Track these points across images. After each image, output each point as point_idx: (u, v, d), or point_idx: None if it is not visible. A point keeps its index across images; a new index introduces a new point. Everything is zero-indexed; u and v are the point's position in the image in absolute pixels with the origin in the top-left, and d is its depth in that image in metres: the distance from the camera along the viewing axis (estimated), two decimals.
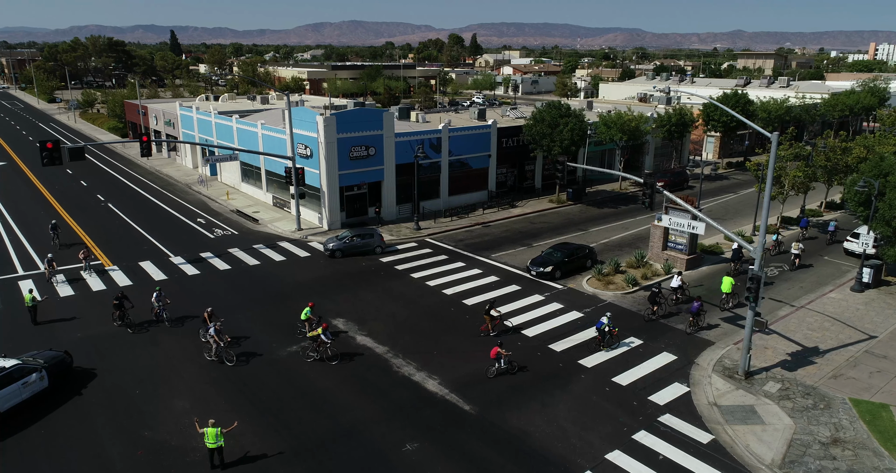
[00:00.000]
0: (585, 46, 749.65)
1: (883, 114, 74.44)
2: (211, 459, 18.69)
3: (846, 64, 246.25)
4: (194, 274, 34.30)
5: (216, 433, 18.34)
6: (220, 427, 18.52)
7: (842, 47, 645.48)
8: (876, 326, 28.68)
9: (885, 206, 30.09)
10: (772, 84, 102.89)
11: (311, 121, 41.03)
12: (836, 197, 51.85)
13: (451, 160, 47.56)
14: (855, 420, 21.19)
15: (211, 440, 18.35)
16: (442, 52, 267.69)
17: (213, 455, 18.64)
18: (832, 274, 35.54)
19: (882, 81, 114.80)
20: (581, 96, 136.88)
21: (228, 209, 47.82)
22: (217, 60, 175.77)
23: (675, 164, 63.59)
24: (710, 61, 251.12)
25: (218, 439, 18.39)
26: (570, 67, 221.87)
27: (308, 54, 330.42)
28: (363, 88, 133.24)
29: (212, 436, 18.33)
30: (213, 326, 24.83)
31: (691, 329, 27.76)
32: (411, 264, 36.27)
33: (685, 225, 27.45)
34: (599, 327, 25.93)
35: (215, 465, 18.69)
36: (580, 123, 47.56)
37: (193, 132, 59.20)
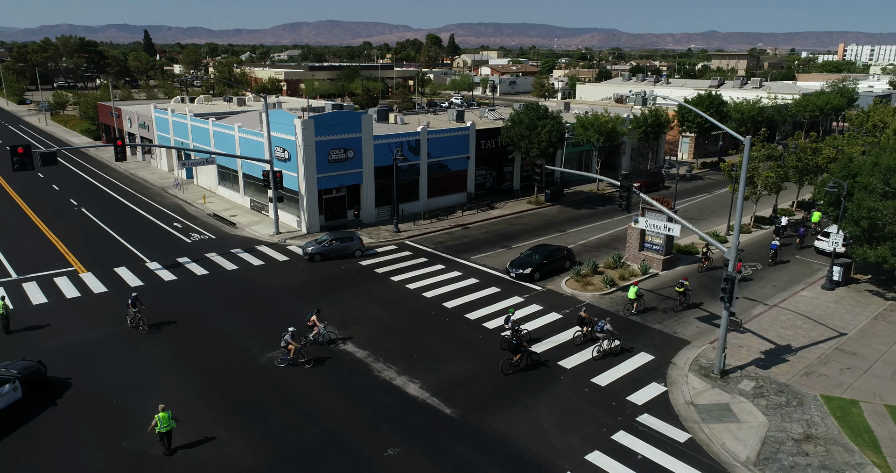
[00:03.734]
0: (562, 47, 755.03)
1: (851, 114, 76.28)
2: (166, 444, 19.32)
3: (816, 64, 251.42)
4: (171, 280, 33.93)
5: (167, 416, 19.02)
6: (169, 410, 19.24)
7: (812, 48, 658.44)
8: (846, 323, 29.41)
9: (854, 206, 30.86)
10: (745, 85, 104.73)
11: (288, 124, 40.82)
12: (806, 196, 52.96)
13: (430, 162, 47.65)
14: (826, 416, 21.73)
15: (164, 424, 19.01)
16: (420, 52, 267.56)
17: (164, 440, 19.28)
18: (804, 273, 36.34)
19: (850, 81, 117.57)
20: (558, 97, 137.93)
21: (205, 213, 47.35)
22: (192, 61, 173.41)
23: (651, 165, 64.42)
24: (685, 62, 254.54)
25: (169, 422, 19.08)
26: (547, 67, 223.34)
27: (285, 55, 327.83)
28: (341, 88, 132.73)
29: (165, 420, 18.99)
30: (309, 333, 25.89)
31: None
32: (391, 267, 36.28)
33: (661, 227, 27.89)
34: (599, 329, 25.76)
35: (170, 449, 19.39)
36: (558, 124, 47.97)
37: (169, 135, 58.46)
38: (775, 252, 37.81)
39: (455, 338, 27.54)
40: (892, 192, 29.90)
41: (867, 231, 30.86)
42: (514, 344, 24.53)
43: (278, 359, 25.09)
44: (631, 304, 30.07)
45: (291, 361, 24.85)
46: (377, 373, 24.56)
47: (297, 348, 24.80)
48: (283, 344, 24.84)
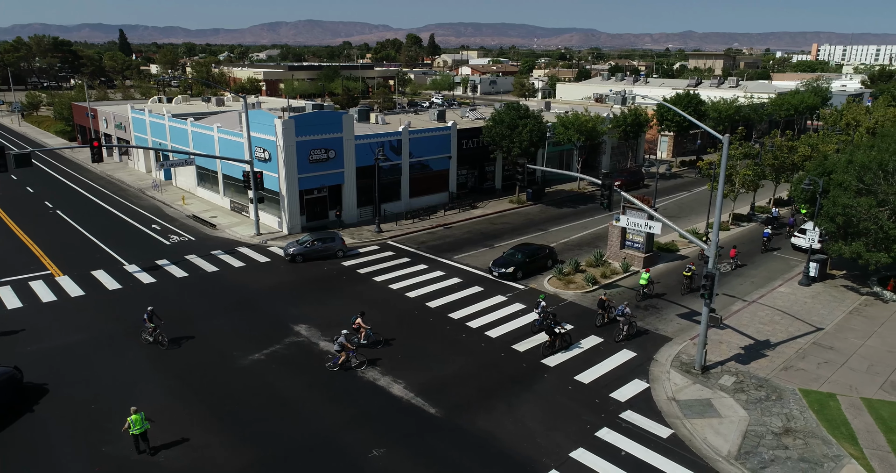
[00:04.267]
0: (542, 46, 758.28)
1: (826, 113, 77.68)
2: (137, 446, 19.22)
3: (791, 64, 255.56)
4: (150, 283, 33.47)
5: (140, 418, 18.93)
6: (142, 412, 19.16)
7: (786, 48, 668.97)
8: (822, 318, 29.93)
9: (829, 203, 31.41)
10: (721, 84, 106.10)
11: (269, 124, 40.48)
12: (783, 194, 53.79)
13: (412, 162, 47.58)
14: (805, 409, 22.10)
15: (137, 426, 18.91)
16: (400, 52, 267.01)
17: (139, 442, 19.19)
18: (781, 269, 36.92)
19: (824, 81, 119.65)
20: (539, 96, 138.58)
21: (184, 215, 46.78)
22: (169, 61, 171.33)
23: (631, 163, 65.00)
24: (663, 61, 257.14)
25: (143, 423, 18.98)
26: (527, 67, 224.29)
27: (264, 54, 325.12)
28: (321, 88, 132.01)
29: (138, 422, 18.91)
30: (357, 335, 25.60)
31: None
32: (374, 267, 36.16)
33: (642, 225, 28.17)
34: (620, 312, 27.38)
35: (142, 451, 19.27)
36: (539, 124, 48.18)
37: (146, 136, 57.66)
38: (768, 239, 40.13)
39: (439, 338, 27.53)
40: (866, 189, 30.49)
41: (842, 228, 31.42)
42: (551, 328, 25.73)
43: (330, 363, 24.87)
44: (642, 289, 31.84)
45: (345, 364, 24.63)
46: (361, 374, 24.45)
47: (351, 350, 24.66)
48: (336, 348, 24.56)
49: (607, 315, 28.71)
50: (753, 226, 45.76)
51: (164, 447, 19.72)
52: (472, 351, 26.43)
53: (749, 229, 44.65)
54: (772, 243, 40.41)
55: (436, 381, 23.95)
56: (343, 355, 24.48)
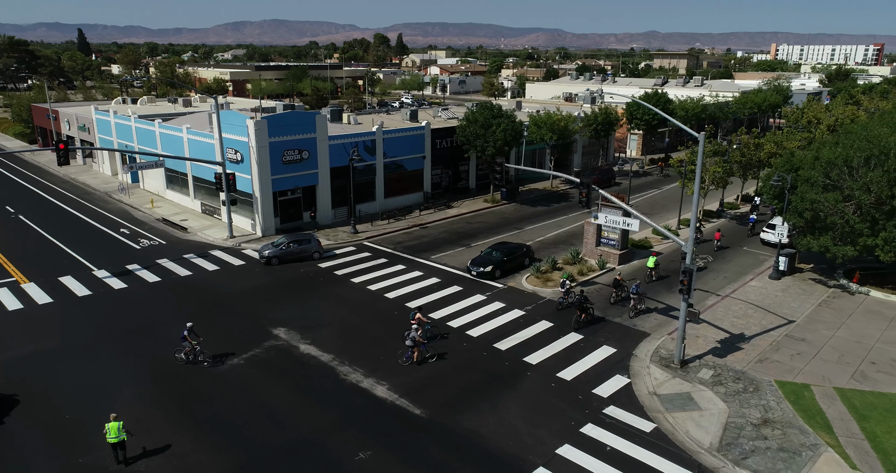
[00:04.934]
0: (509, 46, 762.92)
1: (787, 111, 79.74)
2: (115, 455, 18.71)
3: (751, 63, 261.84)
4: (122, 288, 32.62)
5: (118, 427, 18.46)
6: (121, 421, 18.67)
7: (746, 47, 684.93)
8: (793, 311, 30.72)
9: (797, 198, 32.25)
10: (687, 83, 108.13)
11: (241, 125, 39.83)
12: (750, 190, 55.07)
13: (386, 162, 47.36)
14: (781, 400, 22.64)
15: (113, 434, 18.44)
16: (368, 52, 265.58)
17: (117, 451, 18.69)
18: (751, 263, 37.77)
19: (784, 80, 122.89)
20: (508, 96, 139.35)
21: (154, 218, 45.74)
22: (131, 61, 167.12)
23: (603, 162, 65.78)
24: (629, 61, 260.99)
25: (119, 433, 18.48)
26: (495, 66, 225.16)
27: (229, 54, 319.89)
28: (290, 88, 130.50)
29: (114, 431, 18.45)
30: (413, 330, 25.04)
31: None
32: (351, 268, 35.88)
33: (620, 222, 28.50)
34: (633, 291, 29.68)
35: (120, 461, 18.75)
36: (512, 123, 48.42)
37: (111, 138, 56.22)
38: (753, 225, 43.68)
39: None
40: (832, 184, 31.38)
41: (810, 222, 32.30)
42: (582, 303, 28.26)
43: (402, 358, 25.10)
44: (651, 272, 34.19)
45: (419, 359, 24.95)
46: (343, 376, 24.24)
47: (423, 344, 25.12)
48: (409, 343, 24.75)
49: (620, 294, 31.11)
50: (723, 222, 46.71)
51: (144, 455, 19.25)
52: (454, 351, 26.41)
53: (719, 224, 45.50)
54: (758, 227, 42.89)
55: (419, 382, 23.86)
56: (416, 350, 24.92)
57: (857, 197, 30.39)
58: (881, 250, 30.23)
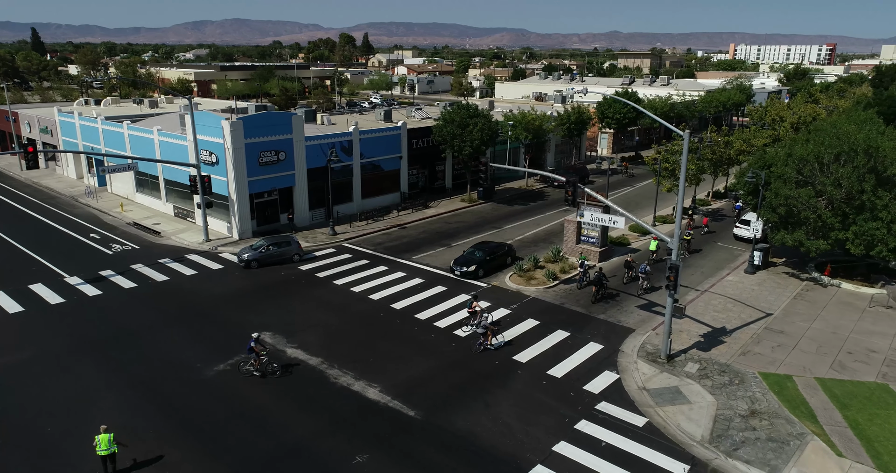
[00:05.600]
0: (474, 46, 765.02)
1: (752, 109, 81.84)
2: (105, 467, 18.11)
3: (712, 63, 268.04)
4: (96, 295, 31.67)
5: (108, 439, 17.94)
6: (112, 433, 18.15)
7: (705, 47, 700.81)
8: (770, 304, 31.51)
9: (772, 194, 33.09)
10: (654, 83, 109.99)
11: (215, 126, 39.05)
12: (720, 187, 56.33)
13: (363, 163, 47.02)
14: (766, 392, 23.19)
15: (103, 446, 17.91)
16: (334, 51, 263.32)
17: (106, 463, 18.11)
18: (727, 259, 38.62)
19: (745, 79, 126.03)
20: (477, 95, 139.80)
21: (125, 222, 44.54)
22: (90, 61, 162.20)
23: (576, 160, 66.47)
24: (593, 61, 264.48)
25: (111, 445, 17.96)
26: (462, 66, 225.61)
27: (191, 54, 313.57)
28: (257, 89, 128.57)
29: (104, 443, 17.94)
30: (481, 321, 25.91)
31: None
32: (333, 270, 35.51)
33: (605, 220, 28.85)
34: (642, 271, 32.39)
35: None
36: (489, 123, 48.57)
37: (76, 140, 54.55)
38: (739, 211, 46.11)
39: (408, 339, 27.30)
40: (805, 180, 32.28)
41: (784, 217, 33.16)
42: (600, 279, 31.33)
43: (475, 346, 26.16)
44: (652, 255, 37.20)
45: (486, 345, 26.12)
46: (333, 380, 23.95)
47: (494, 330, 26.23)
48: (481, 331, 26.12)
49: (631, 274, 33.99)
50: (696, 218, 47.60)
51: (135, 467, 18.71)
52: (443, 351, 26.36)
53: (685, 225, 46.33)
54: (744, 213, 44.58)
55: (410, 383, 23.74)
56: (490, 335, 26.05)
57: (828, 192, 31.33)
58: (852, 244, 31.23)
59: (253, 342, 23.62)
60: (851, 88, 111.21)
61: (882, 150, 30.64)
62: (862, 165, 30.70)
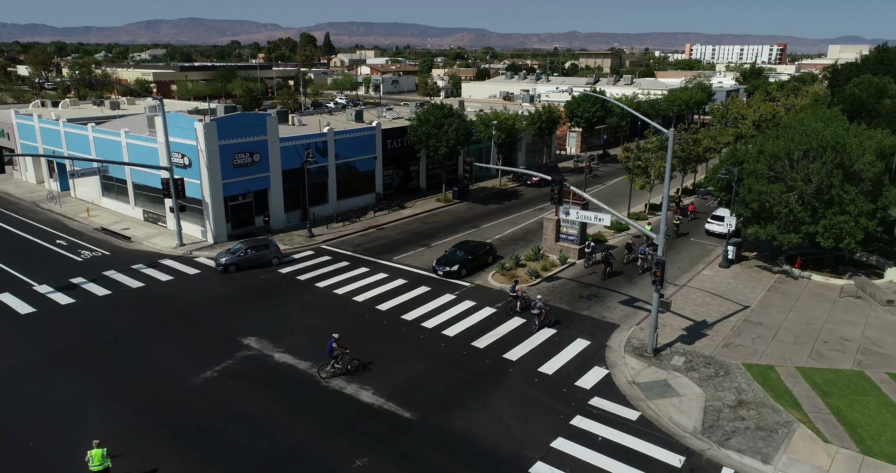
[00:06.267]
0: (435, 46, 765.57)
1: (713, 108, 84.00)
2: None
3: (669, 63, 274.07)
4: (69, 303, 30.60)
5: (102, 454, 17.34)
6: (105, 447, 17.57)
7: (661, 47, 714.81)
8: (746, 297, 32.40)
9: (745, 190, 34.02)
10: (618, 82, 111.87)
11: (188, 127, 38.14)
12: (688, 183, 57.66)
13: (338, 164, 46.58)
14: (751, 382, 23.84)
15: (96, 462, 17.29)
16: (295, 51, 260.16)
17: None
18: (701, 253, 39.55)
19: (704, 78, 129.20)
20: (442, 95, 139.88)
21: (92, 228, 43.14)
22: (41, 61, 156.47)
23: (547, 159, 67.15)
24: (554, 60, 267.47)
25: (104, 460, 17.37)
26: (426, 66, 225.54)
27: (146, 54, 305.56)
28: (220, 89, 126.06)
29: (97, 458, 17.31)
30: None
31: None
32: (313, 273, 35.09)
33: (591, 217, 29.20)
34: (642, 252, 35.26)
35: None
36: (463, 122, 48.67)
37: (36, 143, 52.59)
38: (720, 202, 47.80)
39: (398, 340, 27.18)
40: (776, 176, 33.29)
41: (757, 212, 34.13)
42: (607, 259, 34.64)
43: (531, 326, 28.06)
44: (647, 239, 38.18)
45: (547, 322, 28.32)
46: (325, 383, 23.67)
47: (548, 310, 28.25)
48: (536, 312, 27.79)
49: (630, 255, 36.80)
50: (669, 214, 48.61)
51: None
52: (433, 351, 26.32)
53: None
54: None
55: (404, 384, 23.63)
56: (543, 315, 27.94)
57: (799, 188, 32.38)
58: (821, 237, 32.33)
59: (334, 342, 23.74)
60: (805, 87, 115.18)
61: (848, 146, 31.81)
62: (830, 161, 31.82)
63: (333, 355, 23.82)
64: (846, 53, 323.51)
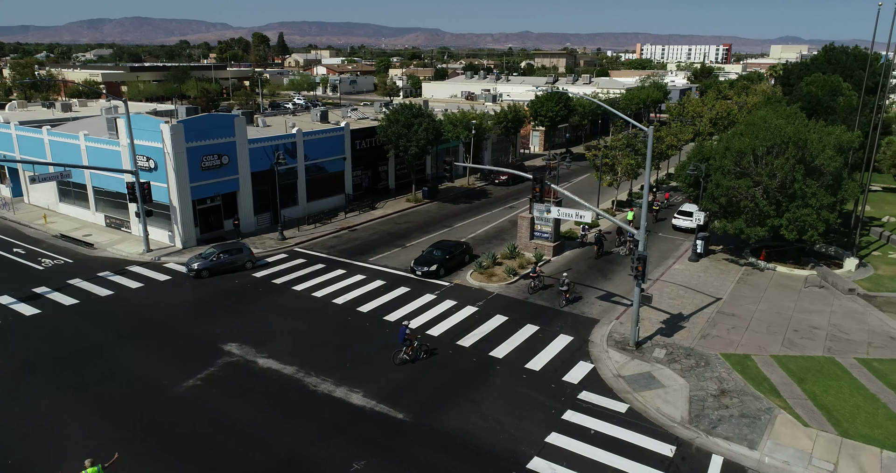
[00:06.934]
0: (390, 46, 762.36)
1: (671, 106, 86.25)
2: None
3: (622, 62, 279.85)
4: (34, 314, 29.33)
5: (96, 471, 16.70)
6: (99, 463, 16.96)
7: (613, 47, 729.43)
8: (717, 289, 33.40)
9: (713, 186, 35.07)
10: (576, 81, 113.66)
11: (153, 130, 37.02)
12: (652, 180, 58.94)
13: (308, 165, 46.00)
14: (731, 371, 24.61)
15: None
16: (248, 51, 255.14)
17: None
18: (670, 248, 40.58)
19: (658, 77, 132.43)
20: (401, 95, 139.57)
21: (51, 235, 41.45)
22: None
23: (513, 158, 67.72)
24: (510, 60, 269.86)
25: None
26: (383, 66, 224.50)
27: (91, 54, 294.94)
28: (174, 90, 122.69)
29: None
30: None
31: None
32: (289, 276, 34.56)
33: (573, 214, 29.59)
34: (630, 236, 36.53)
35: None
36: (433, 122, 48.69)
37: None
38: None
39: (382, 342, 26.99)
40: (742, 172, 34.42)
41: (724, 207, 35.24)
42: (599, 239, 38.01)
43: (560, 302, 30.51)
44: (629, 224, 41.36)
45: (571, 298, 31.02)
46: (313, 387, 23.36)
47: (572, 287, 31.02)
48: (563, 288, 30.53)
49: (621, 239, 39.83)
50: (636, 210, 49.69)
51: None
52: (418, 349, 26.23)
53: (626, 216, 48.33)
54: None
55: (392, 385, 23.52)
56: (568, 292, 30.46)
57: (764, 183, 33.56)
58: (786, 230, 33.59)
59: (407, 329, 24.76)
60: (753, 85, 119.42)
61: (810, 142, 33.13)
62: (792, 156, 33.08)
63: (406, 343, 24.91)
64: (787, 53, 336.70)
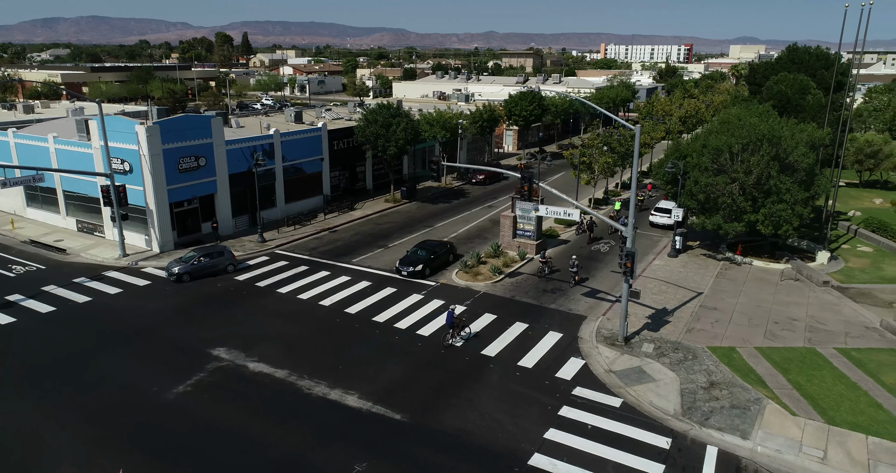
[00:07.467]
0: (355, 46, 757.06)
1: (640, 105, 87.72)
2: None
3: (587, 62, 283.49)
4: (9, 322, 28.36)
5: None
6: None
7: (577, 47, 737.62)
8: (698, 283, 34.12)
9: (692, 183, 35.81)
10: (546, 81, 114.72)
11: (128, 131, 36.12)
12: (626, 178, 59.92)
13: (286, 166, 45.46)
14: (718, 364, 25.17)
15: None
16: (212, 51, 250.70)
17: None
18: (648, 245, 41.26)
19: (625, 77, 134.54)
20: (371, 95, 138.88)
21: (19, 241, 40.11)
22: None
23: (489, 157, 68.00)
24: (477, 60, 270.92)
25: None
26: (350, 66, 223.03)
27: (47, 54, 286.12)
28: (139, 91, 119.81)
29: None
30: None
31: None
32: (273, 279, 34.11)
33: (561, 212, 29.86)
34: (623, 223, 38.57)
35: None
36: (411, 122, 48.60)
37: None
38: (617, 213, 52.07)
39: (373, 343, 26.88)
40: (719, 169, 35.23)
41: (702, 203, 36.01)
42: (591, 225, 41.27)
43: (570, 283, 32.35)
44: (617, 213, 45.32)
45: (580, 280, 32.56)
46: (307, 390, 23.12)
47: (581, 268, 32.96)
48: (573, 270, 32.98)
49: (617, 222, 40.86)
50: (611, 207, 50.44)
51: None
52: (411, 352, 26.22)
53: (608, 210, 49.08)
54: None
55: (388, 386, 23.43)
56: (577, 276, 32.65)
57: (740, 179, 34.40)
58: (762, 225, 34.50)
59: (454, 315, 26.24)
60: (717, 85, 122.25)
61: (783, 139, 34.09)
62: (767, 153, 33.99)
63: (454, 325, 26.26)
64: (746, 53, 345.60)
